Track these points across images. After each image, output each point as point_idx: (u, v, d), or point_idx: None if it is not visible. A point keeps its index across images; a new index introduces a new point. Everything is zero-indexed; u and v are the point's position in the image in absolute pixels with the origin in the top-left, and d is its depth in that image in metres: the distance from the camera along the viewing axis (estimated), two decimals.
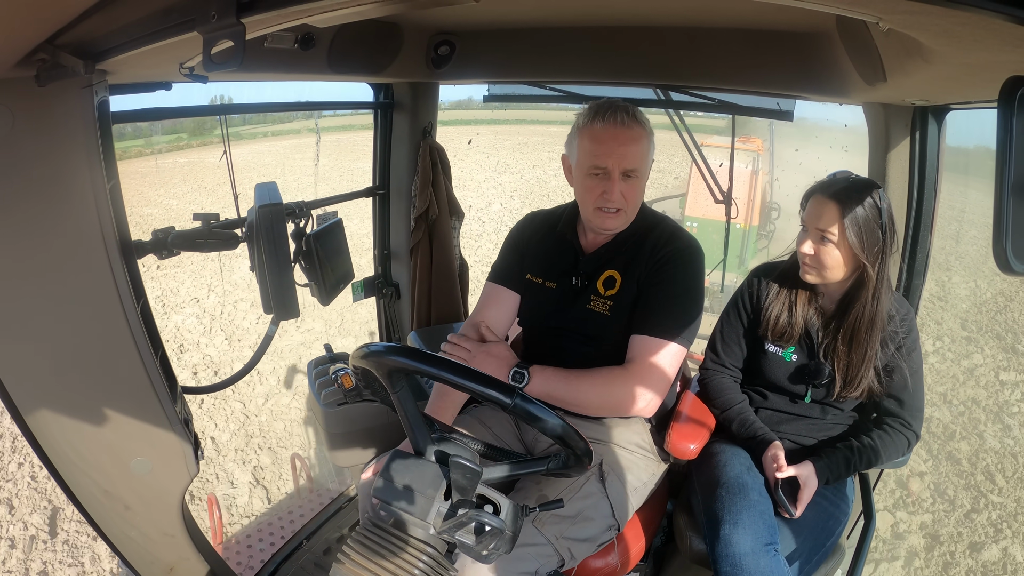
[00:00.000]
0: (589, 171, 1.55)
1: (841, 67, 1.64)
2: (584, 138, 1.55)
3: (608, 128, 1.51)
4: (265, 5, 0.69)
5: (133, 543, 1.46)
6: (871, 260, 1.49)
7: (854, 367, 1.56)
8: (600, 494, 1.55)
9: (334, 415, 1.85)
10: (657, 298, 1.59)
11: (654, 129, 1.60)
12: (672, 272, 1.59)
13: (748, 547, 1.39)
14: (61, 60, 0.93)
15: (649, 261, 1.61)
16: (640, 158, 1.53)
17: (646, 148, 1.55)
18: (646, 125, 1.56)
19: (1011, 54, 0.79)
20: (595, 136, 1.52)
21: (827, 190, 1.52)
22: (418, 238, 2.55)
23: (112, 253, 1.17)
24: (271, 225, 1.51)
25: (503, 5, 1.78)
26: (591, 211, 1.60)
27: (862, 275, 1.53)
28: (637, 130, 1.52)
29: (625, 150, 1.51)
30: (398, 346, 1.09)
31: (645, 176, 1.58)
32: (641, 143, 1.53)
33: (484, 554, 1.04)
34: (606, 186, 1.53)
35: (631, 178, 1.54)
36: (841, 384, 1.58)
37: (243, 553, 2.45)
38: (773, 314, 1.66)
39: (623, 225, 1.62)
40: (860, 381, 1.56)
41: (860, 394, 1.59)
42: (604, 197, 1.55)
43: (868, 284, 1.52)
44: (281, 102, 2.37)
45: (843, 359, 1.58)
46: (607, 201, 1.55)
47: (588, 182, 1.56)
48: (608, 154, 1.51)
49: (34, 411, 1.22)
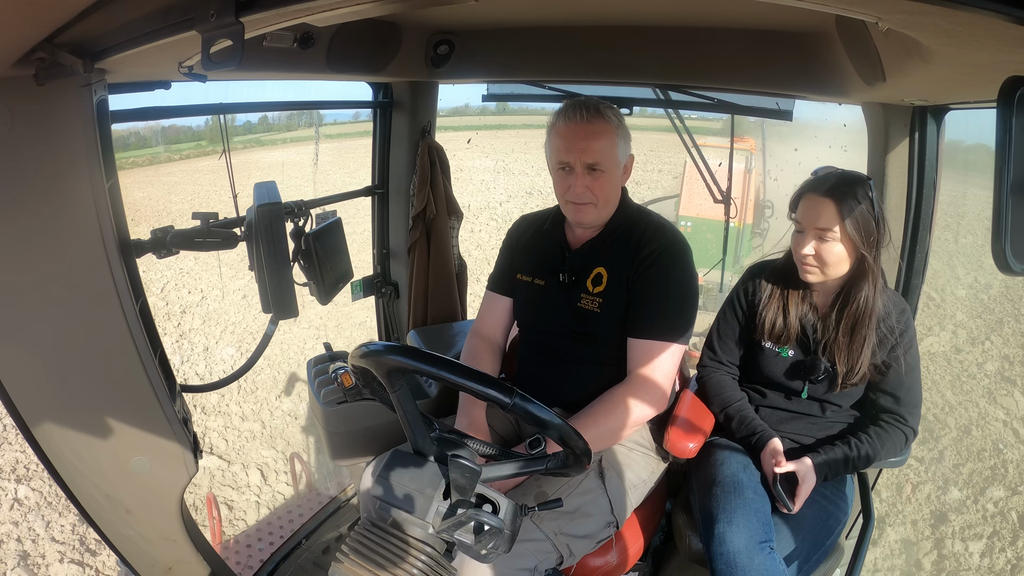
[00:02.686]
0: (557, 167, 1.60)
1: (840, 67, 1.64)
2: (552, 136, 1.60)
3: (570, 124, 1.55)
4: (264, 4, 0.69)
5: (132, 542, 1.46)
6: (870, 250, 1.50)
7: (854, 354, 1.57)
8: (599, 490, 1.55)
9: (333, 414, 1.85)
10: (650, 299, 1.59)
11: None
12: (662, 271, 1.60)
13: (743, 545, 1.39)
14: (60, 59, 0.93)
15: (635, 258, 1.62)
16: (602, 153, 1.55)
17: (611, 143, 1.56)
18: (612, 120, 1.57)
19: (1010, 54, 0.79)
20: (560, 133, 1.57)
21: (820, 188, 1.51)
22: (415, 237, 2.55)
23: (111, 252, 1.17)
24: (270, 224, 1.51)
25: (502, 5, 1.78)
26: (564, 204, 1.66)
27: (861, 266, 1.53)
28: (600, 125, 1.55)
29: (586, 144, 1.54)
30: (397, 345, 1.09)
31: (615, 170, 1.60)
32: (604, 138, 1.55)
33: (483, 553, 1.04)
34: (571, 180, 1.58)
35: (596, 171, 1.56)
36: (844, 372, 1.58)
37: (242, 553, 2.45)
38: (768, 317, 1.66)
39: (597, 219, 1.65)
40: (860, 367, 1.56)
41: (861, 379, 1.58)
42: (571, 191, 1.59)
43: (869, 274, 1.53)
44: (280, 101, 2.36)
45: (844, 350, 1.58)
46: (574, 195, 1.59)
47: (557, 177, 1.62)
48: (570, 149, 1.55)
49: (33, 410, 1.22)
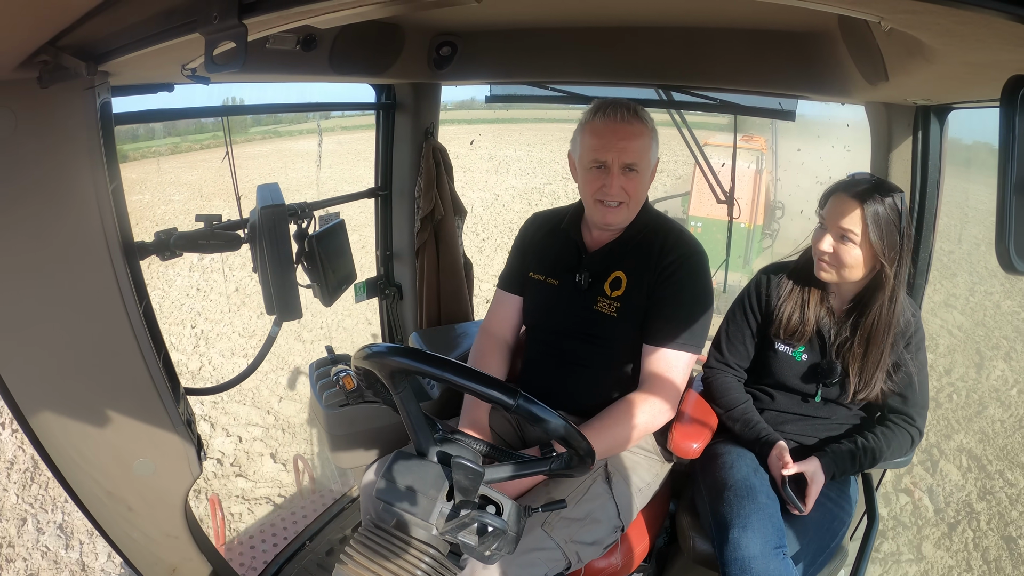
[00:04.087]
0: (590, 165, 1.57)
1: (843, 67, 1.64)
2: (586, 134, 1.58)
3: (608, 123, 1.53)
4: (267, 6, 0.69)
5: (136, 544, 1.46)
6: (890, 261, 1.50)
7: (869, 368, 1.56)
8: (606, 495, 1.54)
9: (336, 417, 1.85)
10: (668, 308, 1.59)
11: (656, 125, 1.61)
12: (681, 280, 1.60)
13: (757, 550, 1.39)
14: (63, 62, 0.93)
15: (656, 267, 1.61)
16: (640, 153, 1.54)
17: (647, 144, 1.56)
18: (648, 123, 1.57)
19: (1013, 53, 0.79)
20: (596, 131, 1.55)
21: (850, 189, 1.51)
22: (424, 239, 2.55)
23: (115, 254, 1.17)
24: (273, 226, 1.51)
25: (505, 6, 1.78)
26: (592, 204, 1.62)
27: (879, 276, 1.53)
28: (638, 126, 1.54)
29: (625, 144, 1.52)
30: (400, 347, 1.09)
31: (647, 172, 1.59)
32: (642, 139, 1.54)
33: (487, 555, 1.04)
34: (605, 179, 1.55)
35: (631, 172, 1.55)
36: (856, 385, 1.58)
37: (246, 554, 2.45)
38: (785, 313, 1.65)
39: (624, 220, 1.63)
40: (875, 383, 1.56)
41: (875, 396, 1.58)
42: (604, 190, 1.56)
43: (886, 285, 1.52)
44: (283, 103, 2.37)
45: (858, 361, 1.58)
46: (606, 195, 1.57)
47: (589, 176, 1.58)
48: (607, 148, 1.53)
49: (37, 412, 1.22)
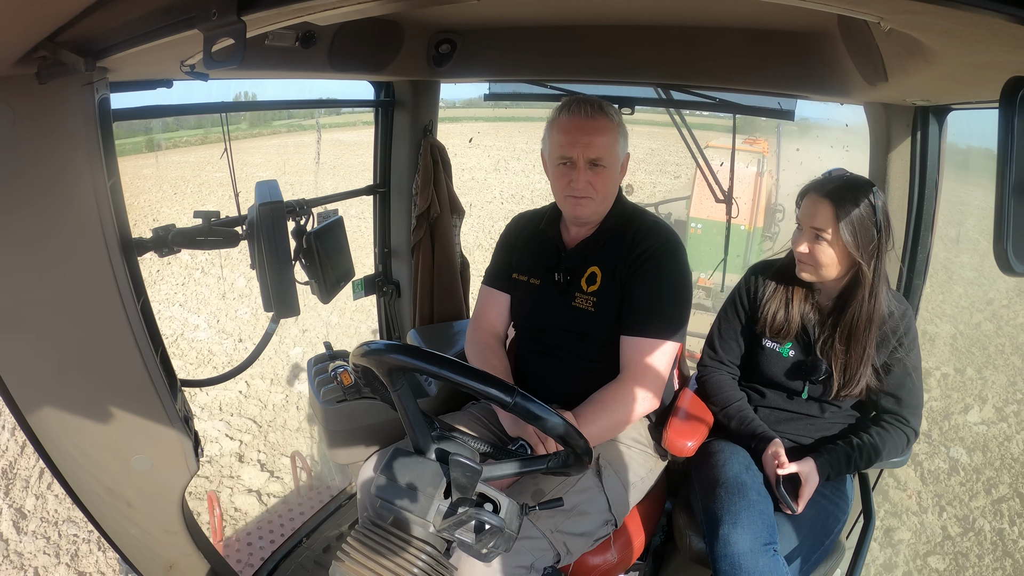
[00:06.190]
0: (557, 161, 1.60)
1: (842, 67, 1.64)
2: (554, 131, 1.61)
3: (573, 119, 1.56)
4: (266, 3, 0.69)
5: (133, 540, 1.47)
6: (866, 258, 1.50)
7: (852, 366, 1.57)
8: (597, 488, 1.55)
9: (333, 412, 1.85)
10: (643, 298, 1.60)
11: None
12: (655, 269, 1.61)
13: (747, 547, 1.39)
14: (62, 57, 0.92)
15: (628, 257, 1.63)
16: (605, 148, 1.56)
17: (613, 139, 1.58)
18: (614, 118, 1.59)
19: (1012, 54, 0.79)
20: (562, 128, 1.58)
21: (821, 189, 1.52)
22: (419, 236, 2.55)
23: (113, 250, 1.17)
24: (272, 223, 1.51)
25: (504, 4, 1.78)
26: (562, 200, 1.65)
27: (858, 273, 1.53)
28: (602, 121, 1.56)
29: (589, 140, 1.54)
30: (398, 344, 1.09)
31: (615, 167, 1.61)
32: (606, 134, 1.56)
33: (484, 552, 1.04)
34: (572, 175, 1.58)
35: (597, 167, 1.57)
36: (840, 383, 1.59)
37: (243, 551, 2.45)
38: (770, 310, 1.66)
39: (593, 214, 1.65)
40: (859, 380, 1.57)
41: (859, 392, 1.59)
42: (571, 186, 1.59)
43: (864, 282, 1.52)
44: (282, 100, 2.36)
45: (841, 358, 1.58)
46: (574, 190, 1.59)
47: (557, 172, 1.62)
48: (573, 144, 1.55)
49: (35, 408, 1.22)
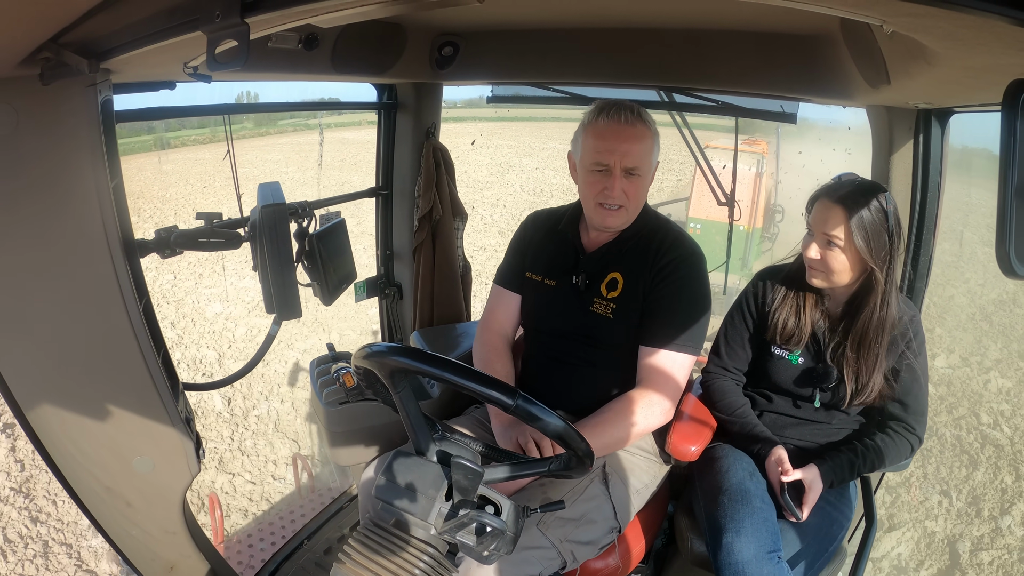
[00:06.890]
0: (592, 167, 1.56)
1: (845, 70, 1.64)
2: (588, 135, 1.56)
3: (612, 125, 1.52)
4: (269, 5, 0.69)
5: (134, 541, 1.47)
6: (879, 264, 1.48)
7: (865, 373, 1.55)
8: (603, 496, 1.54)
9: (335, 414, 1.85)
10: (664, 309, 1.59)
11: (658, 126, 1.60)
12: (677, 281, 1.59)
13: (751, 555, 1.38)
14: (65, 59, 0.93)
15: (653, 268, 1.61)
16: (642, 157, 1.53)
17: (649, 147, 1.55)
18: (651, 125, 1.56)
19: (1014, 57, 0.79)
20: (599, 133, 1.53)
21: (833, 194, 1.50)
22: (421, 239, 2.55)
23: (115, 252, 1.18)
24: (274, 225, 1.51)
25: (507, 6, 1.78)
26: (593, 207, 1.60)
27: (869, 279, 1.52)
28: (641, 129, 1.53)
29: (628, 147, 1.51)
30: (400, 346, 1.09)
31: (648, 176, 1.58)
32: (644, 142, 1.53)
33: (485, 555, 1.04)
34: (607, 182, 1.54)
35: (633, 176, 1.54)
36: (853, 390, 1.57)
37: (244, 552, 2.45)
38: (780, 318, 1.64)
39: (624, 223, 1.62)
40: (872, 387, 1.55)
41: (873, 400, 1.57)
42: (605, 193, 1.55)
43: (876, 288, 1.51)
44: (284, 102, 2.37)
45: (852, 365, 1.56)
46: (608, 197, 1.55)
47: (590, 178, 1.57)
48: (610, 151, 1.52)
49: (36, 408, 1.23)
